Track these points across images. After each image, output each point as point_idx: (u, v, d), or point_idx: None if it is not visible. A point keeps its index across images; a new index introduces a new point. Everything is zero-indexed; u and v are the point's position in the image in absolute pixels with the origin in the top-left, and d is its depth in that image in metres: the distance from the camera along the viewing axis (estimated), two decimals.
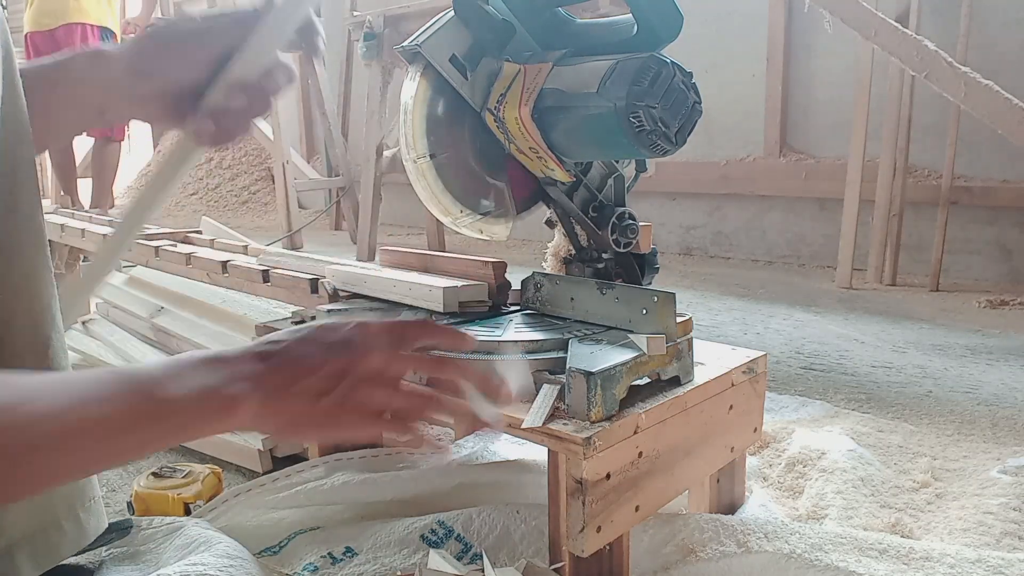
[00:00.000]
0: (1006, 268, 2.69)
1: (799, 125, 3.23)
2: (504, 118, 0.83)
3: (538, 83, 0.81)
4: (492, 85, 0.84)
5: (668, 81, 0.75)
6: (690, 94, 0.78)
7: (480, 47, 0.84)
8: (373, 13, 3.19)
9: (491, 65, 0.85)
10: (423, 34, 0.82)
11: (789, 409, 1.40)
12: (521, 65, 0.83)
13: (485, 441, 1.14)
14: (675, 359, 0.78)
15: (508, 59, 0.85)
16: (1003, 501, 0.97)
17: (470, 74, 0.84)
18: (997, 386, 1.55)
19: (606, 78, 0.76)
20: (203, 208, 5.76)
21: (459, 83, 0.84)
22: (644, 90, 0.74)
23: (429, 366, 0.59)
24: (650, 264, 0.92)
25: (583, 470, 0.66)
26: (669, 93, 0.75)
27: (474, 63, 0.84)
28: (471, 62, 0.84)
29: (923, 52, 1.94)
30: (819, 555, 0.78)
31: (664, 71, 0.75)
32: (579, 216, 0.90)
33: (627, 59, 0.76)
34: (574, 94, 0.78)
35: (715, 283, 2.81)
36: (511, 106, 0.82)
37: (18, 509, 0.61)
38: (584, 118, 0.78)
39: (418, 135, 0.84)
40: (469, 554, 0.84)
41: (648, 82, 0.74)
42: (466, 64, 0.84)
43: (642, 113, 0.74)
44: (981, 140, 2.60)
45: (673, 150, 0.77)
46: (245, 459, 1.16)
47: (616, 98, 0.74)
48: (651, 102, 0.74)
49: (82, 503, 0.66)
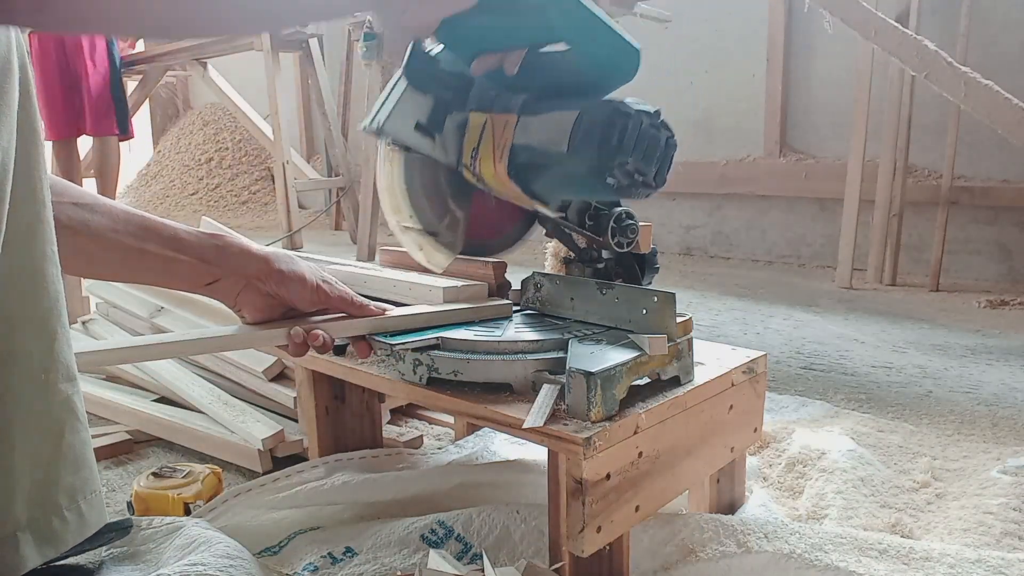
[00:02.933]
0: (1006, 268, 2.69)
1: (799, 125, 3.23)
2: (481, 174, 0.82)
3: (507, 137, 0.78)
4: (462, 139, 0.82)
5: (637, 131, 0.72)
6: (661, 133, 0.75)
7: (442, 107, 0.82)
8: None
9: (457, 119, 0.82)
10: (382, 111, 0.80)
11: (789, 409, 1.40)
12: (486, 114, 0.81)
13: (485, 441, 1.14)
14: (675, 359, 0.78)
15: (472, 109, 0.82)
16: (1003, 501, 0.97)
17: (438, 136, 0.83)
18: (997, 386, 1.55)
19: (573, 136, 0.73)
20: (203, 208, 5.76)
21: (429, 148, 0.82)
22: (614, 148, 0.71)
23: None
24: (650, 264, 0.92)
25: (583, 470, 0.66)
26: (640, 142, 0.72)
27: (439, 125, 0.82)
28: (436, 124, 0.82)
29: (923, 52, 1.94)
30: (819, 555, 0.78)
31: (630, 123, 0.72)
32: (576, 229, 0.90)
33: (590, 110, 0.73)
34: (546, 151, 0.76)
35: (715, 283, 2.81)
36: (486, 161, 0.80)
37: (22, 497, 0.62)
38: (561, 175, 0.77)
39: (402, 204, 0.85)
40: (469, 554, 0.84)
41: (616, 138, 0.71)
42: (431, 129, 0.82)
43: (617, 171, 0.72)
44: (981, 140, 2.60)
45: (655, 191, 0.76)
46: (245, 459, 1.16)
47: (588, 159, 0.72)
48: (623, 159, 0.72)
49: (84, 495, 0.67)
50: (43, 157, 0.62)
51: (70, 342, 0.65)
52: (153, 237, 0.74)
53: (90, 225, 0.71)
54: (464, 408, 0.76)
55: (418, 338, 0.79)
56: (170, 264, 0.75)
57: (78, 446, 0.67)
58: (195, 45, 4.09)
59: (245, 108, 4.28)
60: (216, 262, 0.77)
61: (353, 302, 0.82)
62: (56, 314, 0.63)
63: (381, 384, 0.86)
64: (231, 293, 0.79)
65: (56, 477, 0.65)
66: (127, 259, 0.73)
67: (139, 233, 0.73)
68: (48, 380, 0.63)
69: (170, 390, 1.38)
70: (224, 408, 1.26)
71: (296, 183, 3.97)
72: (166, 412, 1.31)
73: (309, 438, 1.04)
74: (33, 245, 0.61)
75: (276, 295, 0.79)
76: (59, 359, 0.64)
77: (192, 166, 6.13)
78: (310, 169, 4.60)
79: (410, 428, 1.29)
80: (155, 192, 6.14)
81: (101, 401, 1.39)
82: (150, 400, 1.40)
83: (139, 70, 4.50)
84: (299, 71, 4.97)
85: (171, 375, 1.38)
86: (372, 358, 0.87)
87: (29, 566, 0.63)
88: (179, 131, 6.45)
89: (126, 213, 0.74)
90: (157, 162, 6.39)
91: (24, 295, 0.61)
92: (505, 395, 0.75)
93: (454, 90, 0.81)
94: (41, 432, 0.63)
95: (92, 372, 1.55)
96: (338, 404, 1.04)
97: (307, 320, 0.80)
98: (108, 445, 1.24)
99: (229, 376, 1.34)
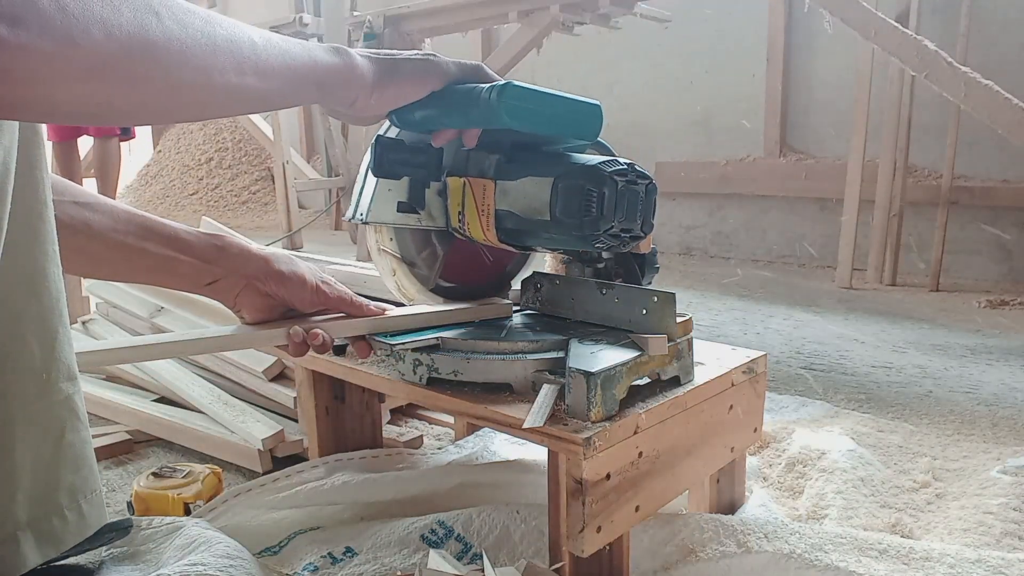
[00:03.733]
0: (1006, 268, 2.69)
1: (799, 125, 3.23)
2: (472, 236, 0.83)
3: (489, 203, 0.79)
4: (446, 203, 0.83)
5: (614, 196, 0.72)
6: (639, 185, 0.74)
7: (419, 183, 0.82)
8: (373, 13, 3.18)
9: (436, 187, 0.83)
10: (363, 203, 0.81)
11: (789, 409, 1.40)
12: (463, 179, 0.81)
13: (485, 441, 1.14)
14: (675, 359, 0.78)
15: (449, 174, 0.83)
16: (1003, 501, 0.97)
17: (421, 210, 0.83)
18: (997, 386, 1.55)
19: (553, 206, 0.73)
20: (203, 208, 5.76)
21: (416, 222, 0.83)
22: (596, 219, 0.72)
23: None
24: (650, 264, 0.92)
25: (583, 470, 0.66)
26: (620, 204, 0.72)
27: (421, 200, 0.83)
28: (417, 200, 0.83)
29: (923, 52, 1.94)
30: (819, 555, 0.78)
31: (606, 189, 0.72)
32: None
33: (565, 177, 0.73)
34: (530, 219, 0.76)
35: (715, 283, 2.81)
36: (473, 225, 0.81)
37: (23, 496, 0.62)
38: (551, 237, 0.78)
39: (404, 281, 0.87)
40: (469, 554, 0.84)
41: (596, 208, 0.71)
42: (414, 205, 0.82)
43: (603, 238, 0.73)
44: (981, 140, 2.60)
45: (644, 237, 0.77)
46: (245, 459, 1.16)
47: (572, 229, 0.73)
48: (606, 226, 0.72)
49: (84, 494, 0.67)
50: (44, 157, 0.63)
51: (71, 342, 0.66)
52: (153, 237, 0.74)
53: (91, 224, 0.71)
54: (464, 408, 0.76)
55: (418, 338, 0.79)
56: (170, 264, 0.75)
57: (78, 445, 0.67)
58: None
59: None
60: (216, 262, 0.77)
61: (352, 302, 0.82)
62: (57, 314, 0.63)
63: (381, 384, 0.86)
64: (231, 293, 0.79)
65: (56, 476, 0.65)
66: (127, 258, 0.73)
67: (140, 232, 0.73)
68: (49, 379, 0.63)
69: (170, 390, 1.38)
70: (224, 408, 1.26)
71: (296, 183, 3.97)
72: (166, 412, 1.31)
73: (309, 438, 1.04)
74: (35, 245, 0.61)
75: (276, 295, 0.79)
76: (60, 359, 0.64)
77: (192, 166, 6.13)
78: (310, 169, 4.60)
79: (410, 428, 1.29)
80: (155, 192, 6.14)
81: (101, 401, 1.39)
82: (150, 400, 1.40)
83: None
84: None
85: (171, 375, 1.38)
86: (372, 358, 0.87)
87: (29, 565, 0.63)
88: (179, 131, 6.45)
89: (127, 212, 0.74)
90: (157, 162, 6.39)
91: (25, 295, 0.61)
92: (505, 395, 0.75)
93: (425, 165, 0.81)
94: (42, 431, 0.64)
95: (92, 372, 1.55)
96: (338, 404, 1.04)
97: (307, 320, 0.80)
98: (108, 445, 1.24)
99: (229, 376, 1.34)
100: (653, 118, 3.59)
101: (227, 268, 0.77)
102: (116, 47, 0.44)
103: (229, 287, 0.78)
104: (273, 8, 5.15)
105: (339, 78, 0.64)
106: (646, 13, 2.84)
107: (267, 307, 0.80)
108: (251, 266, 0.78)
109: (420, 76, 0.70)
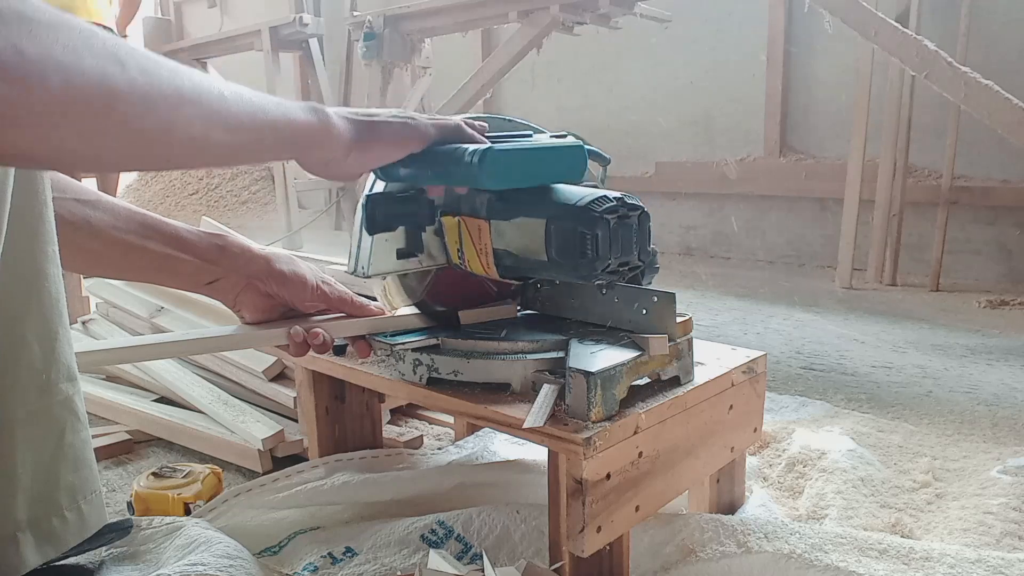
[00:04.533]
0: (1006, 268, 2.69)
1: (799, 125, 3.23)
2: (473, 271, 0.83)
3: (486, 242, 0.79)
4: (444, 241, 0.84)
5: (607, 234, 0.72)
6: (631, 218, 0.74)
7: (413, 230, 0.83)
8: (373, 13, 3.19)
9: (432, 228, 0.84)
10: (362, 258, 0.81)
11: (789, 409, 1.40)
12: (457, 218, 0.81)
13: (485, 441, 1.14)
14: (675, 359, 0.78)
15: (443, 213, 0.83)
16: (1003, 501, 0.97)
17: (420, 253, 0.84)
18: (997, 386, 1.55)
19: (548, 247, 0.73)
20: (203, 208, 5.76)
21: (417, 265, 0.84)
22: (592, 260, 0.71)
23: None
24: (650, 264, 0.92)
25: (583, 470, 0.66)
26: (614, 242, 0.72)
27: (419, 245, 0.83)
28: (415, 245, 0.83)
29: (923, 52, 1.94)
30: (819, 555, 0.78)
31: (600, 230, 0.71)
32: None
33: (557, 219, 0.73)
34: (529, 259, 0.76)
35: (715, 283, 2.81)
36: (473, 262, 0.81)
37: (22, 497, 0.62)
38: (553, 275, 0.79)
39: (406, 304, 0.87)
40: (469, 554, 0.84)
41: (591, 249, 0.71)
42: (412, 250, 0.83)
43: (601, 276, 0.73)
44: (981, 140, 2.60)
45: (643, 266, 0.77)
46: (245, 459, 1.16)
47: (569, 270, 0.73)
48: (602, 264, 0.72)
49: (84, 495, 0.67)
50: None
51: (71, 342, 0.66)
52: (155, 235, 0.74)
53: (92, 222, 0.71)
54: (464, 408, 0.76)
55: (418, 338, 0.79)
56: (171, 262, 0.75)
57: (78, 446, 0.67)
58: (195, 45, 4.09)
59: None
60: (217, 262, 0.77)
61: (353, 302, 0.82)
62: (57, 314, 0.63)
63: (381, 384, 0.86)
64: (231, 293, 0.79)
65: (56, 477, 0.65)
66: (128, 256, 0.73)
67: (141, 231, 0.73)
68: (49, 380, 0.63)
69: (170, 390, 1.38)
70: (224, 408, 1.26)
71: (296, 183, 3.97)
72: (166, 412, 1.31)
73: (309, 438, 1.04)
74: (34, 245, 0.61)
75: (277, 296, 0.79)
76: (60, 359, 0.64)
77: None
78: None
79: (410, 428, 1.29)
80: (155, 192, 6.14)
81: (101, 401, 1.39)
82: (150, 400, 1.40)
83: None
84: (299, 71, 4.97)
85: (171, 375, 1.38)
86: (372, 358, 0.87)
87: (30, 566, 0.63)
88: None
89: (128, 211, 0.74)
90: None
91: (25, 295, 0.61)
92: (505, 395, 0.75)
93: (416, 213, 0.82)
94: (42, 432, 0.64)
95: (92, 372, 1.55)
96: (338, 404, 1.04)
97: (307, 320, 0.80)
98: (108, 445, 1.24)
99: (229, 376, 1.34)
100: (653, 118, 3.59)
101: (228, 267, 0.77)
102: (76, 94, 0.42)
103: (230, 287, 0.78)
104: (273, 8, 5.15)
105: (314, 138, 0.63)
106: (646, 13, 2.84)
107: (268, 307, 0.80)
108: (252, 266, 0.78)
109: (399, 139, 0.70)
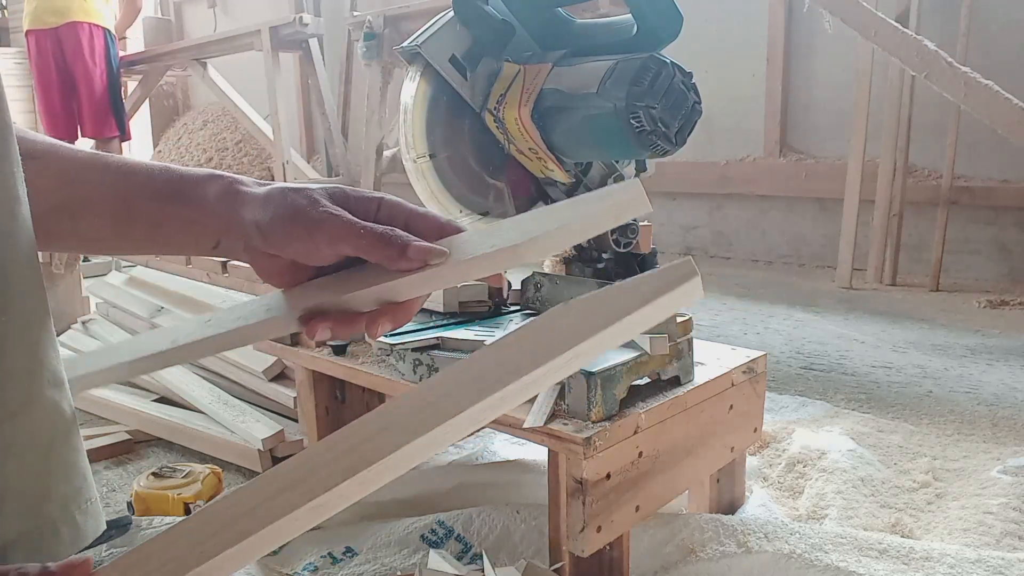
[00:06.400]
0: (1006, 268, 2.69)
1: (799, 125, 3.23)
2: (504, 119, 0.83)
3: (537, 84, 0.81)
4: (492, 86, 0.84)
5: (668, 81, 0.75)
6: (690, 94, 0.78)
7: (480, 47, 0.84)
8: (373, 13, 3.19)
9: (491, 65, 0.85)
10: (423, 35, 0.82)
11: (789, 409, 1.40)
12: (521, 65, 0.83)
13: (485, 441, 1.14)
14: (675, 359, 0.78)
15: (508, 59, 0.85)
16: (1003, 501, 0.97)
17: (470, 75, 0.84)
18: (997, 386, 1.55)
19: (606, 78, 0.76)
20: None
21: (459, 83, 0.84)
22: (644, 91, 0.74)
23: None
24: (650, 264, 0.92)
25: (583, 470, 0.66)
26: (669, 93, 0.75)
27: (474, 64, 0.84)
28: (471, 63, 0.84)
29: (923, 52, 1.94)
30: (819, 555, 0.78)
31: (664, 71, 0.75)
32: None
33: (627, 59, 0.76)
34: (574, 95, 0.78)
35: (715, 283, 2.81)
36: (511, 107, 0.82)
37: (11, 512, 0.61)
38: (584, 118, 0.79)
39: (418, 135, 0.84)
40: (469, 554, 0.84)
41: (648, 83, 0.74)
42: (466, 65, 0.84)
43: (642, 114, 0.74)
44: (981, 140, 2.60)
45: (673, 150, 0.78)
46: (245, 459, 1.16)
47: (616, 99, 0.75)
48: (651, 102, 0.74)
49: (78, 505, 0.65)
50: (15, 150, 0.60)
51: (56, 346, 0.64)
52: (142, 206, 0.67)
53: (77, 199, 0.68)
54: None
55: (418, 338, 0.79)
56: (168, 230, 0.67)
57: (69, 454, 0.65)
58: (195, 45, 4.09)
59: (245, 108, 4.28)
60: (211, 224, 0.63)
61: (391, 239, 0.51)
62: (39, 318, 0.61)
63: (381, 384, 0.86)
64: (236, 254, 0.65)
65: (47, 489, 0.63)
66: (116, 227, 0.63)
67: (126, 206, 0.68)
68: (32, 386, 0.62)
69: (170, 390, 1.38)
70: (224, 408, 1.26)
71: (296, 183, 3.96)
72: (166, 412, 1.31)
73: (309, 438, 1.04)
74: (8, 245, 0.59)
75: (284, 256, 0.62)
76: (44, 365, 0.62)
77: (192, 166, 6.12)
78: (310, 169, 4.59)
79: None
80: None
81: (101, 401, 1.39)
82: (150, 400, 1.40)
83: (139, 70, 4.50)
84: (299, 71, 4.97)
85: (171, 375, 1.38)
86: (372, 358, 0.87)
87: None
88: (179, 131, 6.45)
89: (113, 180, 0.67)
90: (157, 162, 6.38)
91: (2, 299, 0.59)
92: None
93: (496, 35, 0.83)
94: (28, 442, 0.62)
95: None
96: (338, 404, 1.04)
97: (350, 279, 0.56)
98: (108, 445, 1.24)
99: (229, 376, 1.34)
100: None
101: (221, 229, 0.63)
102: None
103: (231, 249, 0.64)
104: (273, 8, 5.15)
105: None
106: None
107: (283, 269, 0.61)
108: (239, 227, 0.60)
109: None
